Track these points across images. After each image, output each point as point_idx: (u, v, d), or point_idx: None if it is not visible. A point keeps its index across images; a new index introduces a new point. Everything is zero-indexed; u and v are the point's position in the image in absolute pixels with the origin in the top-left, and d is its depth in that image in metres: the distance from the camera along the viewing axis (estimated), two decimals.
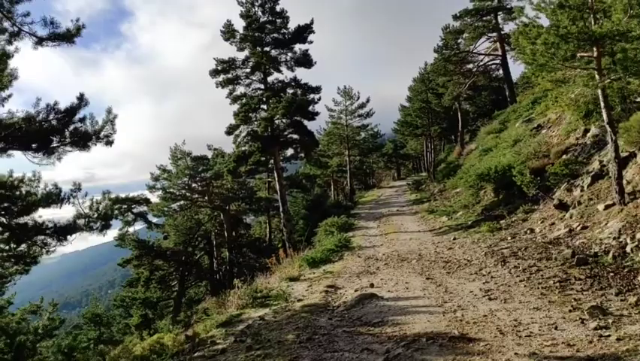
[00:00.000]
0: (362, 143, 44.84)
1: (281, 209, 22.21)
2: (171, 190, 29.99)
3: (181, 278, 30.37)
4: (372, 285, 9.22)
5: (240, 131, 22.04)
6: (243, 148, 21.54)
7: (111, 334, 33.06)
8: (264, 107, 21.65)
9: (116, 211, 9.72)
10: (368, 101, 41.34)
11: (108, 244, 30.37)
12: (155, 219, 32.86)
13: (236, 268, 29.88)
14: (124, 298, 30.44)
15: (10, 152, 7.78)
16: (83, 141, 8.52)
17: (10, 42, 7.03)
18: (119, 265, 29.70)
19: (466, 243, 12.11)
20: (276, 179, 22.64)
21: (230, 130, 21.83)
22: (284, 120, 21.54)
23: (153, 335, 25.84)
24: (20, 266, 10.70)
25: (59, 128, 7.68)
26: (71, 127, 7.88)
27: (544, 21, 10.88)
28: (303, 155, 26.73)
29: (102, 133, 8.73)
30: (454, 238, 13.22)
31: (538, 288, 7.18)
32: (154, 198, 30.53)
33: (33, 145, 7.79)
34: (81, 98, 7.77)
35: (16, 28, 6.82)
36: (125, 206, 31.09)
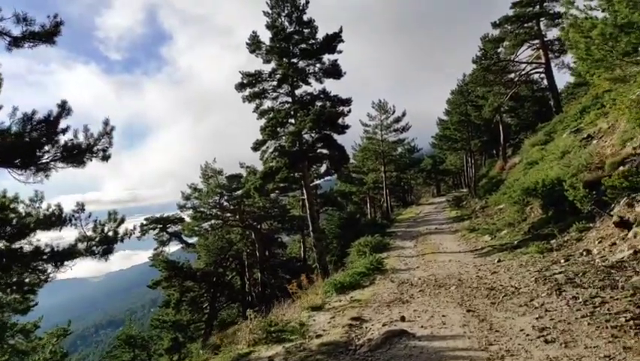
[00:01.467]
0: (399, 158, 43.66)
1: (310, 228, 20.99)
2: (202, 209, 29.40)
3: (212, 300, 29.56)
4: (403, 318, 7.88)
5: (267, 147, 21.04)
6: (271, 164, 20.47)
7: (148, 355, 32.50)
8: (292, 121, 20.66)
9: (121, 233, 8.76)
10: (404, 115, 40.31)
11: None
12: (190, 240, 32.43)
13: (269, 289, 28.86)
14: (158, 319, 29.93)
15: None
16: (75, 155, 7.65)
17: None
18: (149, 287, 29.20)
19: (513, 266, 10.57)
20: (306, 196, 21.54)
21: (256, 146, 20.88)
22: (312, 134, 20.44)
23: (182, 359, 24.85)
24: (19, 295, 9.87)
25: (42, 141, 6.81)
26: (58, 139, 7.00)
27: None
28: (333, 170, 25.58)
29: (97, 147, 7.85)
30: (499, 260, 11.68)
31: (606, 327, 5.62)
32: (187, 217, 30.11)
33: (15, 161, 6.94)
34: (62, 106, 6.87)
35: None
36: (160, 226, 30.82)
